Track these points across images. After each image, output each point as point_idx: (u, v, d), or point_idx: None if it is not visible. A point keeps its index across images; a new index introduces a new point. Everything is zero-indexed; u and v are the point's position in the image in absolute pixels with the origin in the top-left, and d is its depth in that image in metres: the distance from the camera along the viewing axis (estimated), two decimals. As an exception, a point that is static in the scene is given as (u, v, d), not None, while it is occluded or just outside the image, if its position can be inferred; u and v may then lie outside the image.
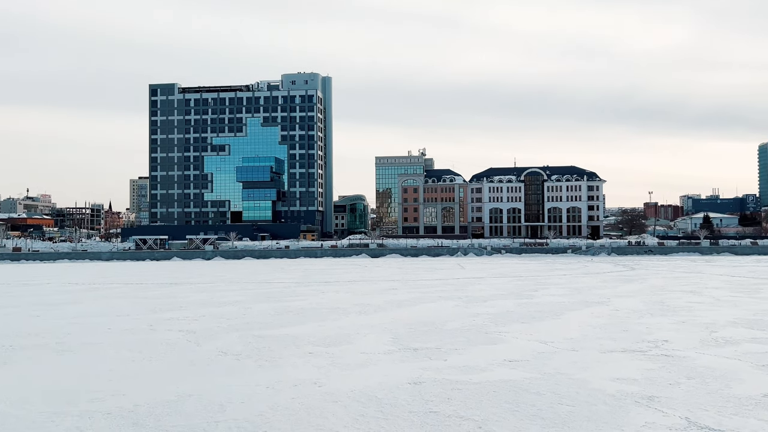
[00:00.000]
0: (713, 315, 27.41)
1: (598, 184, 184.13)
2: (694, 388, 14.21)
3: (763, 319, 26.03)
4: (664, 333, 22.34)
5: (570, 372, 15.94)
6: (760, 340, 20.55)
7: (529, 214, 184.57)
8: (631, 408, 12.62)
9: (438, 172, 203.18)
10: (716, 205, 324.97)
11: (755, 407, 12.57)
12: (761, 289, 41.23)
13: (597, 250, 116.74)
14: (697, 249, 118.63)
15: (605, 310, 29.50)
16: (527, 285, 45.82)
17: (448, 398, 13.54)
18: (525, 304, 32.68)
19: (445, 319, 26.45)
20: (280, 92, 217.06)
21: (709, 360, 17.38)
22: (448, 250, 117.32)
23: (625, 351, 18.90)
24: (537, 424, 11.67)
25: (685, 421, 11.71)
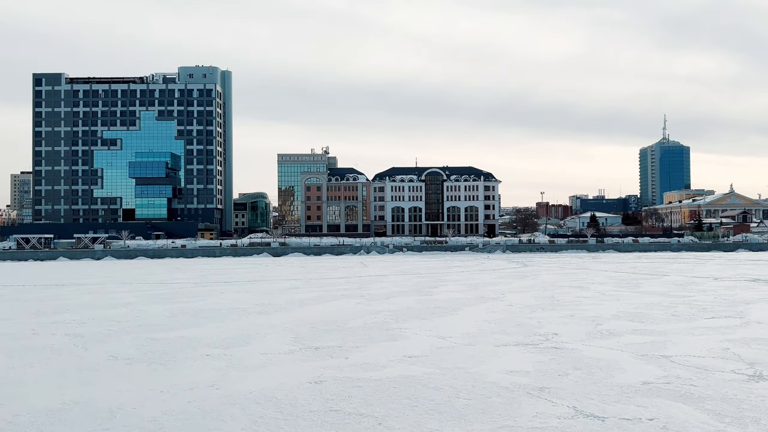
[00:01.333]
0: (599, 309, 29.11)
1: (494, 185, 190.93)
2: (580, 378, 15.02)
3: (643, 312, 27.93)
4: (554, 326, 23.47)
5: (467, 366, 16.41)
6: (640, 332, 22.03)
7: (429, 213, 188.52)
8: (524, 399, 13.16)
9: (341, 170, 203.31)
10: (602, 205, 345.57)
11: (635, 394, 13.45)
12: (641, 284, 44.23)
13: (493, 248, 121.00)
14: (585, 246, 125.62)
15: (500, 306, 30.61)
16: (427, 282, 46.76)
17: (349, 396, 13.56)
18: (425, 300, 33.32)
19: (347, 318, 26.50)
20: (177, 85, 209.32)
21: (594, 351, 18.43)
22: (351, 249, 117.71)
23: (518, 344, 19.70)
24: (435, 418, 11.93)
25: (573, 410, 12.35)
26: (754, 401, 12.76)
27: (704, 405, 12.53)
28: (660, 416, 11.80)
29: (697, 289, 39.23)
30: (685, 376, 15.07)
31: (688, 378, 14.83)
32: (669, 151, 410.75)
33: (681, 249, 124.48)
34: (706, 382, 14.45)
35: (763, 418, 11.63)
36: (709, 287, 40.84)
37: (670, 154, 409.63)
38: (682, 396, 13.23)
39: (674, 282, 45.40)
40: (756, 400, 12.81)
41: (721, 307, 29.60)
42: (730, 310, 28.37)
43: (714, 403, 12.68)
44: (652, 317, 25.99)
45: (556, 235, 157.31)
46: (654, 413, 12.00)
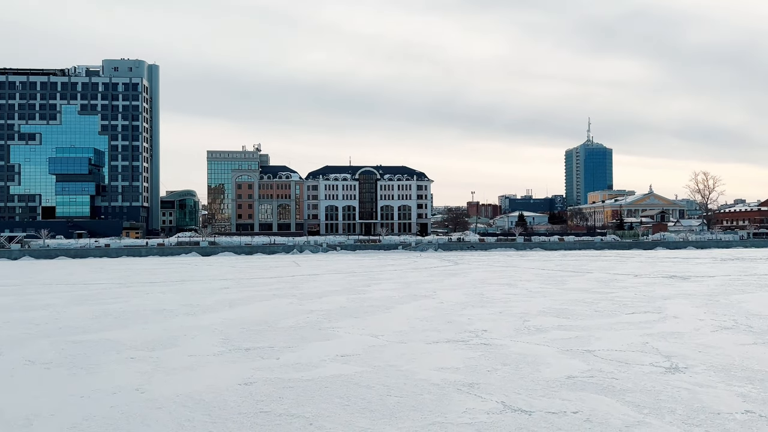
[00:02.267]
0: (526, 305, 29.89)
1: (426, 184, 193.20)
2: (509, 373, 15.36)
3: (568, 308, 28.86)
4: (483, 323, 23.93)
5: (399, 364, 16.50)
6: (565, 328, 22.75)
7: (363, 212, 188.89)
8: (454, 395, 13.34)
9: (274, 168, 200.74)
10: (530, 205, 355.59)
11: (560, 388, 13.87)
12: (567, 281, 45.73)
13: (425, 247, 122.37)
14: (513, 245, 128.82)
15: (432, 303, 30.97)
16: (360, 281, 46.80)
17: (280, 397, 13.39)
18: (358, 299, 33.33)
19: (278, 318, 26.18)
20: (101, 78, 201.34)
21: (522, 347, 18.90)
22: (284, 248, 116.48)
23: (449, 341, 19.97)
24: (366, 417, 11.92)
25: (501, 405, 12.61)
26: (670, 392, 13.38)
27: (625, 397, 13.04)
28: (584, 409, 12.21)
29: (618, 286, 40.87)
30: (607, 369, 15.65)
31: (610, 371, 15.41)
32: (593, 153, 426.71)
33: (604, 247, 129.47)
34: (627, 375, 15.05)
35: (679, 408, 12.21)
36: (630, 284, 42.64)
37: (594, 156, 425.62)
38: (605, 389, 13.73)
39: (597, 279, 47.16)
40: (672, 391, 13.44)
41: (640, 302, 30.95)
42: (649, 305, 29.70)
43: (634, 395, 13.22)
44: (576, 313, 26.90)
45: (486, 233, 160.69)
46: (578, 406, 12.40)
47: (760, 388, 13.70)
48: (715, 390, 13.54)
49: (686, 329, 22.17)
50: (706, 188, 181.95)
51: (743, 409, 12.06)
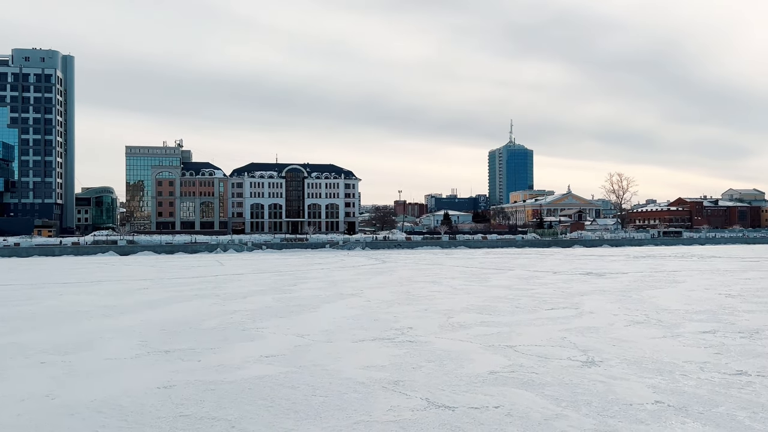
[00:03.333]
0: (451, 302, 30.37)
1: (354, 183, 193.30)
2: (433, 370, 15.54)
3: (491, 305, 29.53)
4: (409, 321, 24.14)
5: (324, 363, 16.39)
6: (488, 324, 23.26)
7: (290, 210, 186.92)
8: (379, 393, 13.36)
9: (196, 165, 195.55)
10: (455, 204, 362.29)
11: (482, 384, 14.14)
12: (489, 278, 46.81)
13: (353, 245, 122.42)
14: (439, 243, 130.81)
15: (358, 302, 30.98)
16: (286, 280, 46.28)
17: (201, 400, 13.02)
18: (284, 299, 32.93)
19: (201, 318, 25.50)
20: (11, 69, 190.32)
21: (446, 344, 19.17)
22: (207, 247, 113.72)
23: (375, 339, 20.02)
24: (291, 417, 11.77)
25: (425, 401, 12.73)
26: (587, 385, 13.89)
27: (544, 391, 13.44)
28: (505, 403, 12.49)
29: (538, 283, 42.18)
30: (528, 364, 16.10)
31: (531, 366, 15.85)
32: (515, 154, 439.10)
33: (525, 245, 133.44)
34: (546, 369, 15.52)
35: (594, 400, 12.69)
36: (549, 281, 44.09)
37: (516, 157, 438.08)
38: (525, 383, 14.10)
39: (519, 276, 48.52)
40: (588, 385, 13.96)
41: (559, 299, 32.04)
42: (567, 301, 30.79)
43: (553, 388, 13.64)
44: (498, 310, 27.56)
45: (413, 232, 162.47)
46: (500, 401, 12.68)
47: (669, 379, 14.42)
48: (628, 382, 14.16)
49: (601, 324, 23.11)
50: (621, 189, 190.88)
51: (653, 400, 12.66)
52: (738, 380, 14.20)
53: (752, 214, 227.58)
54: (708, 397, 12.83)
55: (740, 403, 12.37)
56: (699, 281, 43.11)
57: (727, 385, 13.80)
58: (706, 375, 14.75)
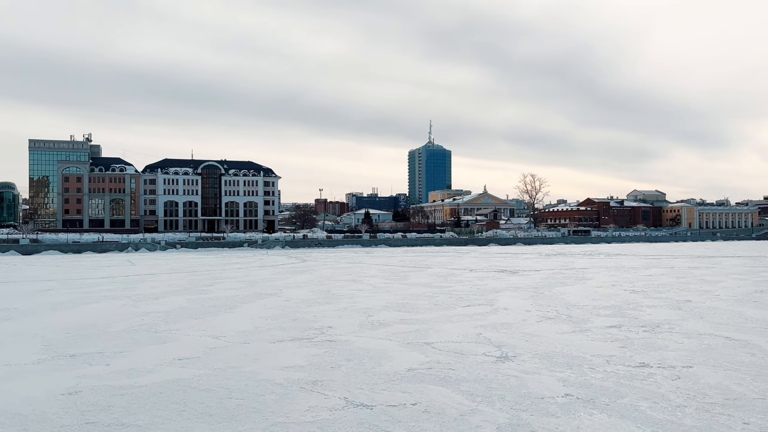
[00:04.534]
0: (371, 301, 30.48)
1: (274, 180, 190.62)
2: (352, 369, 15.51)
3: (410, 302, 29.85)
4: (328, 320, 24.03)
5: (240, 365, 16.04)
6: (407, 321, 23.48)
7: (206, 208, 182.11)
8: (297, 394, 13.20)
9: (106, 160, 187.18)
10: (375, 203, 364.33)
11: (401, 381, 14.24)
12: (409, 276, 47.35)
13: (272, 244, 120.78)
14: (360, 242, 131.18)
15: (277, 302, 30.56)
16: (202, 280, 45.07)
17: (109, 406, 12.43)
18: (198, 299, 32.03)
19: (109, 321, 24.40)
20: None
21: (365, 342, 19.20)
22: (117, 246, 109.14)
23: (294, 339, 19.79)
24: (205, 421, 11.43)
25: (344, 401, 12.68)
26: (501, 380, 14.25)
27: (460, 387, 13.68)
28: (422, 400, 12.62)
29: (455, 280, 43.04)
30: (445, 360, 16.35)
31: (447, 362, 16.12)
32: (434, 154, 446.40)
33: (443, 243, 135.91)
34: (462, 365, 15.82)
35: (508, 395, 13.04)
36: (466, 278, 45.09)
37: (435, 157, 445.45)
38: (442, 380, 14.31)
39: (437, 274, 49.35)
40: (502, 379, 14.33)
41: (475, 296, 32.80)
42: (483, 298, 31.56)
43: (468, 384, 13.91)
44: (417, 307, 27.89)
45: (333, 231, 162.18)
46: (417, 398, 12.81)
47: (577, 372, 15.02)
48: (540, 376, 14.64)
49: (515, 320, 23.82)
50: (533, 189, 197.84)
51: (563, 393, 13.14)
52: (641, 372, 14.97)
53: (654, 214, 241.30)
54: (614, 389, 13.45)
55: (643, 393, 13.03)
56: (606, 278, 45.26)
57: (631, 377, 14.52)
58: (612, 368, 15.47)
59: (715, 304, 28.52)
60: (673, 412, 11.72)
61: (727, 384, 13.74)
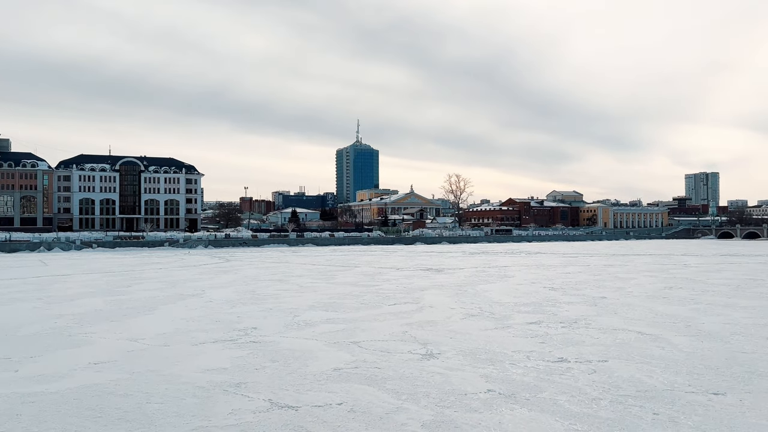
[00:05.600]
0: (297, 301, 30.19)
1: (196, 178, 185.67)
2: (277, 370, 15.30)
3: (337, 302, 29.77)
4: (253, 320, 23.62)
5: (160, 368, 15.52)
6: (334, 321, 23.40)
7: (124, 206, 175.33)
8: (220, 397, 12.90)
9: (16, 155, 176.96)
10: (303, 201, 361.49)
11: (327, 381, 14.17)
12: (336, 275, 47.22)
13: (194, 243, 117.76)
14: (286, 241, 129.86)
15: (199, 302, 29.80)
16: (120, 281, 43.39)
17: (17, 414, 11.75)
18: (116, 301, 30.82)
19: (19, 324, 23.09)
20: None
21: (291, 342, 18.99)
22: (29, 245, 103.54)
23: (217, 341, 19.34)
24: (122, 427, 10.98)
25: (269, 402, 12.49)
26: (426, 377, 14.42)
27: (386, 385, 13.74)
28: (348, 400, 12.60)
29: (382, 279, 43.28)
30: (371, 359, 16.39)
31: (373, 361, 16.16)
32: (361, 154, 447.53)
33: (370, 242, 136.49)
34: (388, 363, 15.90)
35: (432, 392, 13.20)
36: (393, 277, 45.43)
37: (363, 156, 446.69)
38: (368, 378, 14.34)
39: (364, 273, 49.47)
40: (427, 377, 14.50)
41: (401, 294, 33.08)
42: (409, 296, 31.87)
43: (394, 382, 14.00)
44: (344, 306, 27.85)
45: (259, 230, 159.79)
46: (343, 398, 12.77)
47: (499, 368, 15.39)
48: (463, 373, 14.91)
49: (440, 318, 24.18)
50: (458, 189, 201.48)
51: (486, 389, 13.43)
52: (559, 367, 15.50)
53: (572, 214, 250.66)
54: (534, 383, 13.86)
55: (561, 388, 13.49)
56: (526, 275, 46.66)
57: (550, 371, 15.01)
58: (532, 363, 15.94)
59: (628, 301, 29.91)
60: (589, 405, 12.19)
61: (639, 377, 14.42)
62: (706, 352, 17.19)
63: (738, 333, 20.40)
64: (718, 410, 11.77)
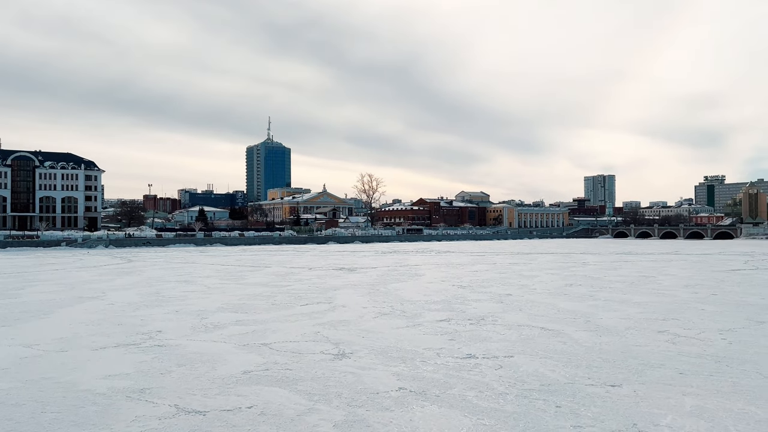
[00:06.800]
0: (205, 302, 29.36)
1: (96, 174, 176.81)
2: (183, 374, 14.80)
3: (247, 303, 29.19)
4: (158, 323, 22.76)
5: (57, 376, 14.65)
6: (243, 323, 22.92)
7: (16, 204, 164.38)
8: (123, 404, 12.33)
9: None
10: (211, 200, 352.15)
11: (236, 384, 13.85)
12: (246, 276, 46.32)
13: (94, 243, 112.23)
14: (193, 240, 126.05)
15: (100, 305, 28.41)
16: (11, 283, 40.66)
17: None
18: (7, 304, 28.85)
19: None
20: None
21: (198, 345, 18.43)
22: None
23: (119, 346, 18.49)
24: (13, 441, 10.28)
25: (175, 408, 12.05)
26: (338, 378, 14.39)
27: (297, 386, 13.60)
28: (259, 403, 12.37)
29: (294, 279, 42.87)
30: (282, 361, 16.18)
31: (285, 363, 15.96)
32: (273, 152, 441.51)
33: (282, 242, 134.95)
34: (300, 365, 15.75)
35: (345, 392, 13.19)
36: (305, 276, 45.09)
37: (274, 154, 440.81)
38: (279, 380, 14.14)
39: (275, 273, 48.81)
40: (340, 377, 14.47)
41: (314, 294, 32.89)
42: (321, 296, 31.73)
43: (306, 383, 13.88)
44: (254, 307, 27.36)
45: (164, 229, 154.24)
46: (253, 401, 12.52)
47: (410, 366, 15.59)
48: (375, 372, 14.99)
49: (352, 317, 24.22)
50: (371, 189, 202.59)
51: (397, 387, 13.56)
52: (468, 363, 15.89)
53: (479, 214, 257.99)
54: (443, 380, 14.13)
55: (470, 383, 13.84)
56: (436, 274, 47.62)
57: (459, 368, 15.36)
58: (442, 360, 16.26)
59: (532, 297, 31.12)
60: (496, 399, 12.57)
61: (543, 371, 15.02)
62: (604, 346, 18.15)
63: (632, 327, 21.67)
64: (615, 401, 12.44)
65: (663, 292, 34.06)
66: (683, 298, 30.86)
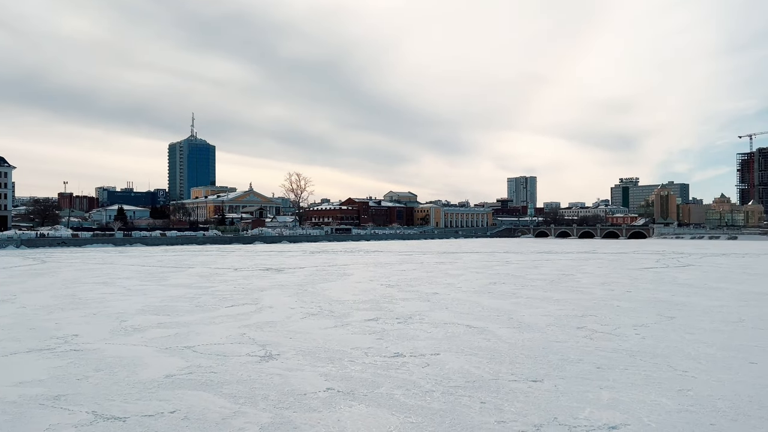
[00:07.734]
0: (124, 305, 28.30)
1: (6, 170, 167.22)
2: (102, 380, 14.22)
3: (169, 305, 28.34)
4: (74, 327, 21.77)
5: (-39, 385, 13.76)
6: (165, 325, 22.23)
7: None
8: (35, 412, 11.72)
9: None
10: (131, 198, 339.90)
11: (158, 389, 13.41)
12: (168, 277, 44.95)
13: (4, 243, 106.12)
14: (112, 240, 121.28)
15: (10, 309, 26.90)
16: None
17: None
18: None
19: None
20: None
21: (117, 349, 17.75)
22: None
23: (31, 351, 17.56)
24: None
25: (92, 415, 11.56)
26: (264, 380, 14.18)
27: (222, 390, 13.32)
28: (182, 407, 12.03)
29: (219, 280, 41.95)
30: (206, 364, 15.80)
31: (209, 366, 15.59)
32: (197, 149, 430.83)
33: (206, 242, 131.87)
34: (225, 367, 15.43)
35: (271, 394, 13.02)
36: (230, 277, 44.20)
37: (198, 152, 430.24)
38: (203, 384, 13.80)
39: (199, 274, 47.61)
40: (266, 379, 14.27)
41: (239, 295, 32.29)
42: (247, 297, 31.20)
43: (231, 386, 13.61)
44: (177, 309, 26.60)
45: (81, 228, 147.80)
46: (176, 405, 12.17)
47: (338, 366, 15.56)
48: (303, 373, 14.88)
49: (279, 318, 23.94)
50: (299, 188, 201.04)
51: (325, 387, 13.50)
52: (395, 362, 16.02)
53: (407, 214, 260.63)
54: (371, 379, 14.18)
55: (397, 382, 13.95)
56: (365, 273, 47.75)
57: (387, 367, 15.46)
58: (370, 359, 16.32)
59: (458, 296, 31.71)
60: (423, 397, 12.73)
61: (468, 368, 15.32)
62: (526, 343, 18.71)
63: (553, 324, 22.44)
64: (537, 396, 12.84)
65: (581, 289, 35.46)
66: (600, 296, 32.22)
